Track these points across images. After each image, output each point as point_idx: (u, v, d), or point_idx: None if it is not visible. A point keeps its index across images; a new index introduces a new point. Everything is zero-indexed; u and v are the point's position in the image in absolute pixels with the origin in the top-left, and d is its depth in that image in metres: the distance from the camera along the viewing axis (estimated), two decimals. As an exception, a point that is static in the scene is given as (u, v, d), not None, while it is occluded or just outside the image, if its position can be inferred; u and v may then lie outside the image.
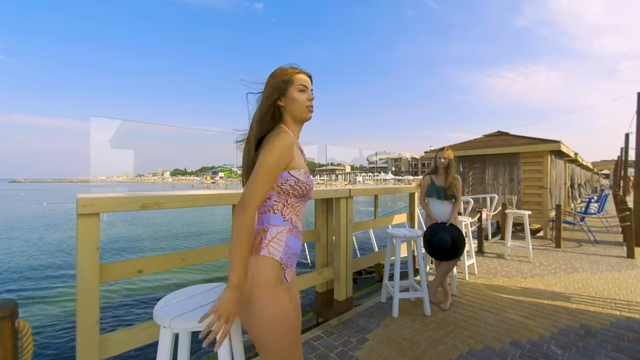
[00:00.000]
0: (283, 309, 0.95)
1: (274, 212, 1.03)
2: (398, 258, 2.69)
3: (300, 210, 1.09)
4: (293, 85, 1.08)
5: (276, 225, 1.02)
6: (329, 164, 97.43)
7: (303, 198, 1.08)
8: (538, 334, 2.33)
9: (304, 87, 1.10)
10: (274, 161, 0.97)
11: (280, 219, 1.03)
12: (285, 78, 1.08)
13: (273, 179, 0.99)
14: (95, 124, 3.16)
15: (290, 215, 1.04)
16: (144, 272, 1.74)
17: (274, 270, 0.98)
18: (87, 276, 1.45)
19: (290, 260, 1.05)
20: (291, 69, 1.11)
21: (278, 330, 0.93)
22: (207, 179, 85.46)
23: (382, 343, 2.20)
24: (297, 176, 1.02)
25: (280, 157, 0.98)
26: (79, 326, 1.44)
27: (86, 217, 1.43)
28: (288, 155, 1.00)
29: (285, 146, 0.99)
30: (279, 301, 0.95)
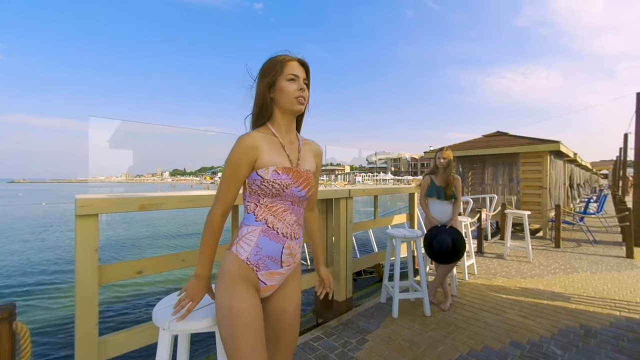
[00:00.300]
0: (238, 307, 0.93)
1: (247, 211, 1.05)
2: (398, 258, 2.68)
3: (279, 211, 1.03)
4: (282, 75, 1.02)
5: (248, 224, 1.03)
6: (328, 164, 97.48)
7: (278, 198, 1.02)
8: (538, 334, 2.33)
9: (294, 77, 1.03)
10: (232, 163, 0.98)
11: (252, 218, 1.02)
12: (274, 68, 1.03)
13: (238, 181, 1.01)
14: (94, 125, 3.15)
15: (265, 215, 1.01)
16: (144, 273, 1.73)
17: (238, 269, 0.98)
18: (85, 278, 1.44)
19: (264, 262, 1.01)
20: (282, 57, 1.04)
21: (230, 325, 0.92)
22: (206, 179, 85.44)
23: (382, 344, 2.20)
24: (263, 175, 0.99)
25: (240, 162, 0.98)
26: (77, 328, 1.43)
27: (85, 218, 1.43)
28: (248, 157, 0.98)
29: (241, 150, 0.98)
30: (236, 298, 0.94)
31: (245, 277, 0.98)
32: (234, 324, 0.91)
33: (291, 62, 1.04)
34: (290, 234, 1.05)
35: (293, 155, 1.07)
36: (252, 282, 1.00)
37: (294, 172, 1.03)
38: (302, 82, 1.04)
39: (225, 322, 0.92)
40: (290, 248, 1.05)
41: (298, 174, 1.04)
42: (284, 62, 1.03)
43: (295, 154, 1.09)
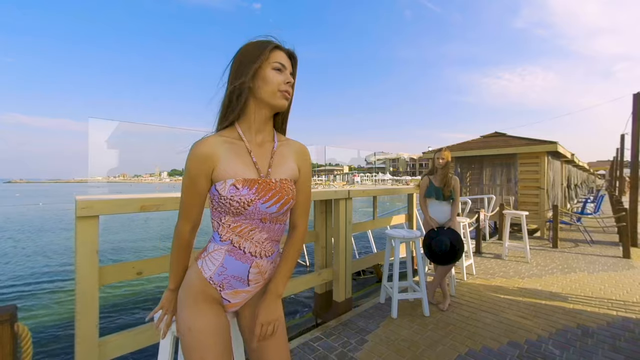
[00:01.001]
0: (197, 328, 0.87)
1: (213, 228, 0.94)
2: (397, 259, 2.70)
3: (244, 231, 0.89)
4: (268, 62, 0.87)
5: (214, 242, 0.93)
6: (327, 165, 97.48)
7: (242, 217, 0.87)
8: (536, 334, 2.35)
9: (281, 66, 0.88)
10: (187, 176, 0.87)
11: (217, 237, 0.91)
12: (259, 52, 0.86)
13: (198, 194, 0.89)
14: (93, 125, 3.15)
15: (229, 235, 0.90)
16: (144, 274, 1.73)
17: (200, 286, 0.90)
18: (86, 279, 1.44)
19: (228, 282, 0.91)
20: (267, 42, 0.88)
21: (188, 347, 0.86)
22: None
23: (381, 344, 2.21)
24: (220, 190, 0.85)
25: (194, 174, 0.86)
26: (77, 329, 1.43)
27: (85, 219, 1.43)
28: (203, 168, 0.85)
29: (194, 161, 0.85)
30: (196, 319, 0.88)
31: (207, 295, 0.91)
32: (194, 347, 0.85)
33: (279, 50, 0.89)
34: (260, 252, 0.93)
35: (262, 162, 0.91)
36: (216, 300, 0.92)
37: (260, 185, 0.87)
38: (289, 75, 0.90)
39: (185, 344, 0.87)
40: (259, 267, 0.93)
41: (266, 186, 0.88)
42: (271, 48, 0.87)
43: (266, 159, 0.92)
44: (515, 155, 6.92)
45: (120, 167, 36.96)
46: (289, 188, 0.92)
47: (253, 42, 0.89)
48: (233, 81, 0.88)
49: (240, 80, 0.86)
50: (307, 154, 1.02)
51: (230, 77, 0.89)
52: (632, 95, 6.05)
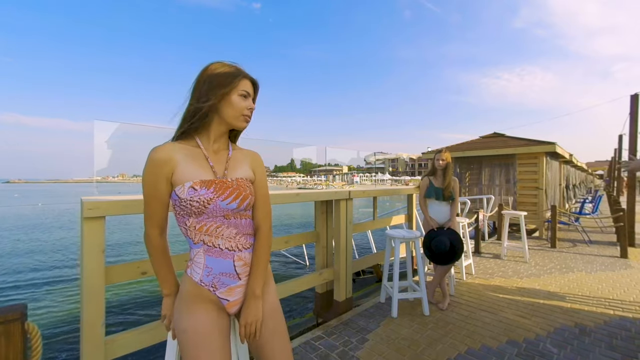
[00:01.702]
0: (192, 330, 0.90)
1: (183, 235, 0.97)
2: (397, 259, 2.72)
3: (211, 229, 0.93)
4: (236, 89, 0.96)
5: (192, 248, 0.97)
6: (326, 165, 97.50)
7: (204, 216, 0.92)
8: (534, 332, 2.38)
9: (246, 94, 0.98)
10: (146, 183, 0.91)
11: (191, 242, 0.96)
12: (230, 79, 0.95)
13: (160, 199, 0.93)
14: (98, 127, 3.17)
15: (199, 237, 0.93)
16: (148, 273, 1.75)
17: (194, 290, 0.94)
18: (92, 278, 1.46)
19: (219, 280, 0.95)
20: (238, 71, 0.98)
21: (184, 349, 0.90)
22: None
23: (382, 343, 2.24)
24: (180, 194, 0.90)
25: (154, 179, 0.90)
26: (83, 328, 1.45)
27: (91, 220, 1.45)
28: (162, 172, 0.90)
29: (153, 165, 0.90)
30: (190, 321, 0.92)
31: (202, 298, 0.94)
32: (189, 347, 0.89)
33: (246, 80, 0.99)
34: (237, 246, 0.97)
35: (219, 166, 0.98)
36: (213, 302, 0.95)
37: (217, 184, 0.92)
38: (251, 102, 1.00)
39: (181, 346, 0.91)
40: (243, 259, 0.98)
41: (223, 184, 0.94)
42: (240, 77, 0.97)
43: (222, 164, 0.99)
44: (514, 156, 6.96)
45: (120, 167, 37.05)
46: (246, 185, 0.99)
47: (223, 68, 0.96)
48: (200, 100, 0.94)
49: (209, 102, 0.93)
50: (260, 159, 1.10)
51: (195, 94, 0.95)
52: (630, 96, 6.10)
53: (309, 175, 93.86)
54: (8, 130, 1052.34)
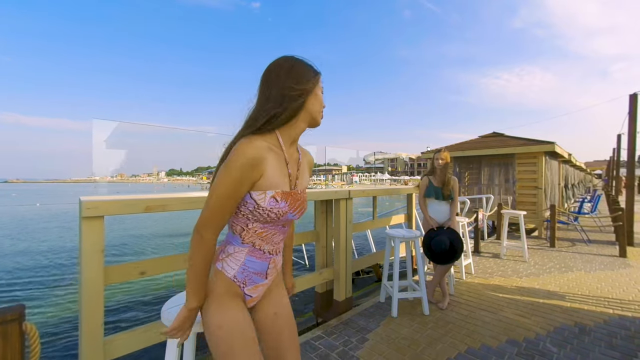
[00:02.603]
0: (228, 324, 0.88)
1: (233, 232, 0.94)
2: (397, 258, 2.72)
3: (268, 235, 0.94)
4: (318, 85, 0.94)
5: (233, 244, 0.94)
6: (326, 164, 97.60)
7: (271, 225, 0.92)
8: (534, 332, 2.38)
9: (322, 91, 0.97)
10: (229, 184, 0.82)
11: (238, 240, 0.93)
12: (314, 75, 0.93)
13: (236, 199, 0.85)
14: (97, 126, 3.16)
15: (252, 239, 0.93)
16: (147, 273, 1.74)
17: (225, 286, 0.92)
18: (91, 278, 1.45)
19: (250, 278, 0.96)
20: (315, 69, 0.95)
21: (222, 344, 0.87)
22: (203, 179, 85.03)
23: (382, 342, 2.23)
24: (259, 201, 0.86)
25: (240, 179, 0.82)
26: (82, 328, 1.45)
27: (90, 219, 1.44)
28: (252, 174, 0.83)
29: (246, 166, 0.81)
30: (225, 316, 0.89)
31: (232, 293, 0.93)
32: (225, 343, 0.86)
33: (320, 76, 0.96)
34: (276, 250, 1.00)
35: (293, 173, 0.94)
36: (239, 296, 0.95)
37: (292, 197, 0.91)
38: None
39: (217, 342, 0.87)
40: (275, 262, 1.01)
41: (295, 197, 0.93)
42: (319, 74, 0.95)
43: (295, 170, 0.96)
44: (513, 155, 6.97)
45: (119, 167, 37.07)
46: (306, 197, 1.01)
47: (302, 62, 0.92)
48: (289, 88, 0.87)
49: (301, 88, 0.88)
50: (313, 164, 1.11)
51: (277, 87, 0.87)
52: (629, 95, 6.11)
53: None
54: (7, 130, 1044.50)
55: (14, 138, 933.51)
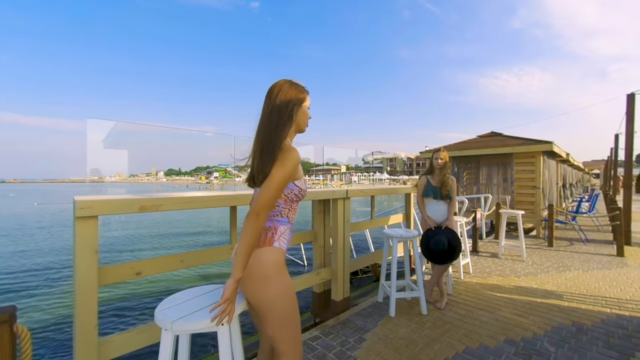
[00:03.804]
0: (290, 284, 1.21)
1: (282, 215, 1.23)
2: (395, 258, 2.71)
3: (296, 210, 1.30)
4: (305, 102, 1.26)
5: (284, 224, 1.24)
6: (324, 164, 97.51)
7: (300, 201, 1.29)
8: (532, 331, 2.38)
9: (309, 107, 1.30)
10: (287, 177, 1.12)
11: (286, 220, 1.24)
12: (304, 94, 1.25)
13: (282, 191, 1.15)
14: (91, 125, 3.13)
15: (292, 216, 1.27)
16: (142, 274, 1.73)
17: (282, 258, 1.21)
18: (85, 279, 1.44)
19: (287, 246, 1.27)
20: (304, 87, 1.27)
21: (289, 298, 1.18)
22: (201, 179, 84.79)
23: (379, 343, 2.22)
24: (300, 186, 1.21)
25: (292, 174, 1.13)
26: (76, 329, 1.43)
27: (84, 219, 1.42)
28: (297, 170, 1.16)
29: (296, 163, 1.14)
30: (288, 279, 1.21)
31: (284, 264, 1.23)
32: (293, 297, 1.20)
33: (308, 96, 1.29)
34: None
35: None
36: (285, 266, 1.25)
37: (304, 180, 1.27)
38: (310, 114, 1.31)
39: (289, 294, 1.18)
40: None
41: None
42: (306, 93, 1.27)
43: None
44: (512, 155, 6.98)
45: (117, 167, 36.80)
46: None
47: (300, 85, 1.25)
48: (292, 106, 1.20)
49: (293, 108, 1.20)
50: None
51: (288, 102, 1.19)
52: (626, 95, 6.13)
53: (307, 175, 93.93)
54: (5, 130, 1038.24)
55: (12, 138, 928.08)
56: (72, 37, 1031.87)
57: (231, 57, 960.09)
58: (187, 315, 1.01)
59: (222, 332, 1.03)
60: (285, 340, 1.17)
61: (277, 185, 1.10)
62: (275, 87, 1.21)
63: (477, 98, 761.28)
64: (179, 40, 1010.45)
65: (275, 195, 1.11)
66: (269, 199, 1.09)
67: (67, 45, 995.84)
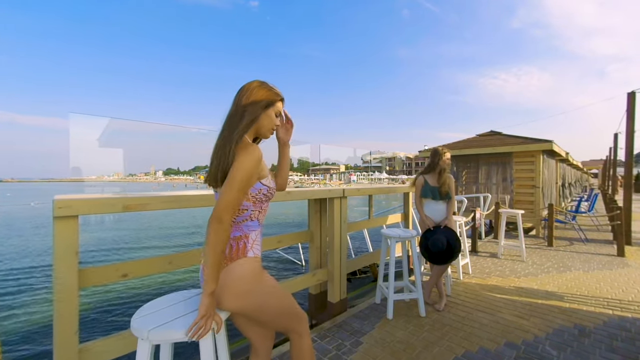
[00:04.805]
0: (273, 283, 1.18)
1: (252, 219, 1.16)
2: (393, 259, 2.65)
3: (266, 210, 1.23)
4: (273, 107, 1.18)
5: (254, 229, 1.17)
6: (323, 164, 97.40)
7: (269, 200, 1.22)
8: (532, 334, 2.32)
9: (279, 113, 1.23)
10: (248, 176, 1.05)
11: (256, 224, 1.18)
12: (272, 98, 1.17)
13: (246, 191, 1.08)
14: (74, 122, 3.03)
15: (263, 217, 1.21)
16: (129, 276, 1.66)
17: (259, 264, 1.16)
18: (64, 282, 1.36)
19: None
20: (277, 92, 1.20)
21: (277, 294, 1.16)
22: (200, 178, 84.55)
23: (376, 346, 2.16)
24: (268, 184, 1.16)
25: (253, 172, 1.06)
26: (56, 335, 1.36)
27: (63, 219, 1.35)
28: (259, 168, 1.09)
29: (256, 161, 1.07)
30: (269, 280, 1.18)
31: (261, 269, 1.18)
32: (281, 291, 1.19)
33: (281, 103, 1.22)
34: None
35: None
36: (263, 270, 1.20)
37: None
38: (279, 121, 1.24)
39: (276, 293, 1.16)
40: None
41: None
42: (278, 98, 1.19)
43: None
44: (511, 154, 6.92)
45: (115, 167, 35.99)
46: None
47: (273, 88, 1.19)
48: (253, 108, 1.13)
49: (257, 110, 1.14)
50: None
51: (256, 101, 1.13)
52: (626, 94, 6.08)
53: (306, 175, 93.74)
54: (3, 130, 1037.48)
55: (10, 137, 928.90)
56: (71, 36, 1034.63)
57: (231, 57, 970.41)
58: (165, 323, 0.93)
59: (205, 343, 0.96)
60: (286, 324, 1.20)
61: (239, 184, 1.02)
62: (245, 87, 1.16)
63: (476, 98, 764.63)
64: (178, 40, 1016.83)
65: (237, 196, 1.02)
66: (231, 201, 1.01)
67: (66, 45, 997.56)
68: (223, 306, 1.06)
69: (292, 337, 1.23)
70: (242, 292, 1.07)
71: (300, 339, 1.23)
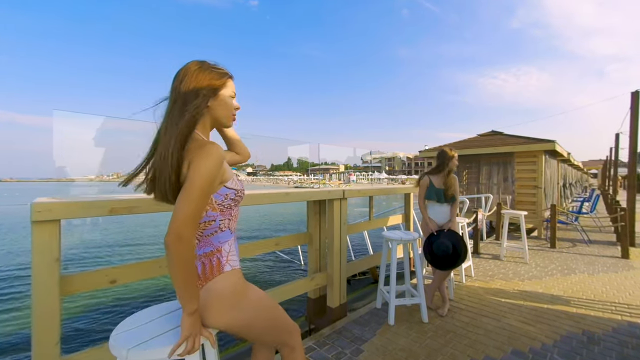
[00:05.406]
0: (261, 296, 1.07)
1: (222, 229, 1.00)
2: (394, 262, 2.56)
3: (238, 214, 1.09)
4: (226, 88, 1.00)
5: (227, 240, 1.02)
6: (322, 164, 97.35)
7: (239, 203, 1.08)
8: (540, 341, 2.23)
9: (234, 94, 1.04)
10: (210, 182, 0.88)
11: (228, 233, 1.03)
12: (221, 79, 0.98)
13: (207, 200, 0.91)
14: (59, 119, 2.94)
15: (234, 224, 1.06)
16: (118, 282, 1.56)
17: (240, 277, 1.03)
18: (44, 292, 1.27)
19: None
20: (224, 71, 1.01)
21: (266, 307, 1.06)
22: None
23: (377, 354, 2.07)
24: (235, 187, 1.00)
25: (215, 175, 0.89)
26: (34, 347, 1.26)
27: (42, 224, 1.25)
28: (221, 171, 0.93)
29: (217, 164, 0.89)
30: (255, 292, 1.07)
31: (243, 279, 1.05)
32: (270, 302, 1.08)
33: (232, 82, 1.03)
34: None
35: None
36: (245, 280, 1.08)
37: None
38: (236, 103, 1.06)
39: (264, 305, 1.06)
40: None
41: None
42: (228, 77, 1.01)
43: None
44: (513, 154, 6.84)
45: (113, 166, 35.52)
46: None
47: (214, 67, 0.98)
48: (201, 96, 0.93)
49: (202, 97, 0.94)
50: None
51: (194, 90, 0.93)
52: (631, 93, 6.00)
53: (305, 174, 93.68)
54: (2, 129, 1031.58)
55: (9, 137, 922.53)
56: (71, 35, 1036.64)
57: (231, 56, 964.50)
58: (146, 341, 0.84)
59: (192, 359, 0.87)
60: (276, 338, 1.11)
61: (198, 193, 0.84)
62: (181, 71, 0.94)
63: (476, 97, 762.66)
64: (178, 39, 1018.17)
65: (198, 208, 0.85)
66: (190, 214, 0.83)
67: (66, 44, 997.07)
68: (211, 325, 0.96)
69: (283, 352, 1.14)
70: (226, 310, 0.96)
71: (292, 352, 1.14)
